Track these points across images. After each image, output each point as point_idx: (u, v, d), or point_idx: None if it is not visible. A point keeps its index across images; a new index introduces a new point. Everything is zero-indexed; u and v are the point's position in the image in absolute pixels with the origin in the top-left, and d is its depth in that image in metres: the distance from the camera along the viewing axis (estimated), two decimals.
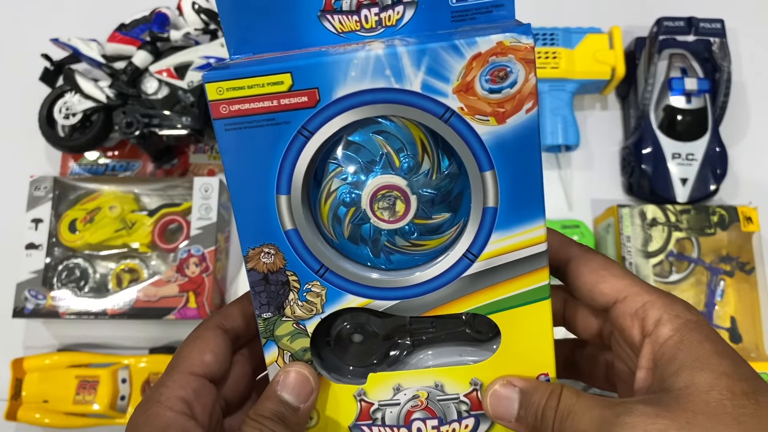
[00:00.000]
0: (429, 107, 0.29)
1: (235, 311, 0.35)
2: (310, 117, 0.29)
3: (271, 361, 0.33)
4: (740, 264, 0.74)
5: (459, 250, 0.31)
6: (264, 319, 0.32)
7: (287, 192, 0.30)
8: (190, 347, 0.33)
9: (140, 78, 0.76)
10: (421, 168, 0.31)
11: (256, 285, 0.32)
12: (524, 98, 0.28)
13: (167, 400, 0.30)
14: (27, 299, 0.72)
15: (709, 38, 0.81)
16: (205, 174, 0.82)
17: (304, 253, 0.31)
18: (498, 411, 0.31)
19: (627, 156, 0.81)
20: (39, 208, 0.75)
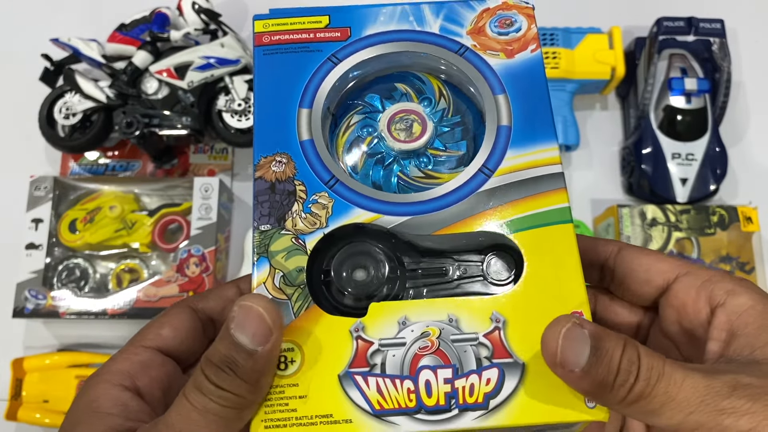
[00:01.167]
0: (446, 44, 0.33)
1: (212, 293, 0.33)
2: (341, 48, 0.33)
3: (259, 282, 0.29)
4: (740, 264, 0.74)
5: (474, 166, 0.31)
6: (261, 231, 0.30)
7: (309, 106, 0.32)
8: (150, 323, 0.31)
9: (140, 78, 0.76)
10: (438, 106, 0.34)
11: (261, 194, 0.30)
12: (528, 41, 0.33)
13: (106, 373, 0.29)
14: (27, 299, 0.72)
15: (709, 38, 0.81)
16: (205, 174, 0.82)
17: (316, 163, 0.31)
18: (567, 355, 0.24)
19: (627, 156, 0.81)
20: (39, 208, 0.75)
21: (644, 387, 0.24)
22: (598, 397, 0.25)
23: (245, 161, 0.83)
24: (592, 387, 0.24)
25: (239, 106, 0.76)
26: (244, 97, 0.76)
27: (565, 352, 0.24)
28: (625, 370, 0.24)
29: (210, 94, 0.77)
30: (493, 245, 0.30)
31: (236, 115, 0.77)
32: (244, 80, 0.76)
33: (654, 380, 0.24)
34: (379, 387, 0.26)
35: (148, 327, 0.31)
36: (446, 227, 0.29)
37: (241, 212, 0.82)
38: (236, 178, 0.83)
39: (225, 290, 0.33)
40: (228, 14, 0.81)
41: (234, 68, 0.76)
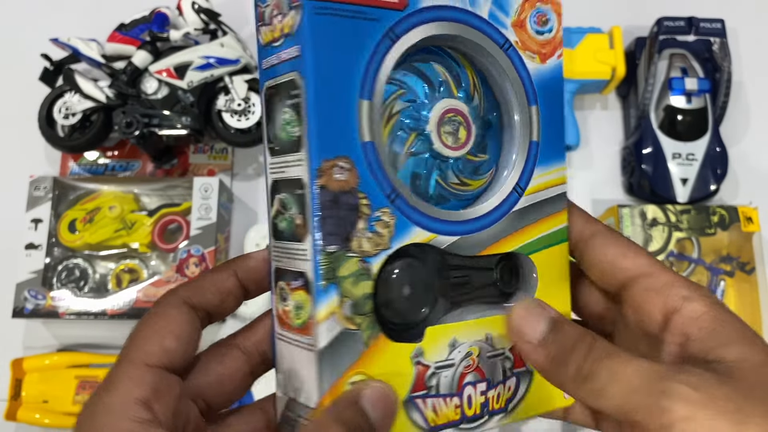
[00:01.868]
0: (493, 35, 0.31)
1: (207, 283, 0.29)
2: (398, 20, 0.28)
3: (328, 314, 0.26)
4: (740, 264, 0.74)
5: (509, 184, 0.31)
6: (328, 254, 0.26)
7: (369, 97, 0.27)
8: (147, 329, 0.27)
9: (140, 78, 0.76)
10: (473, 102, 0.32)
11: (325, 207, 0.26)
12: (557, 45, 0.33)
13: (121, 406, 0.25)
14: (27, 299, 0.72)
15: (709, 38, 0.81)
16: (205, 174, 0.82)
17: (378, 171, 0.27)
18: (522, 326, 0.27)
19: (627, 156, 0.81)
20: (38, 208, 0.75)
21: (592, 364, 0.25)
22: (551, 374, 0.27)
23: (245, 161, 0.83)
24: (546, 361, 0.26)
25: (239, 106, 0.76)
26: (243, 96, 0.76)
27: (523, 322, 0.27)
28: (578, 349, 0.26)
29: (210, 94, 0.77)
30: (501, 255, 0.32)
31: (236, 115, 0.76)
32: (244, 80, 0.76)
33: (604, 357, 0.25)
34: (434, 406, 0.29)
35: (146, 336, 0.27)
36: (488, 248, 0.31)
37: (240, 212, 0.81)
38: (236, 178, 0.83)
39: (221, 280, 0.30)
40: (228, 14, 0.81)
41: (234, 68, 0.76)
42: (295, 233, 0.28)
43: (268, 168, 0.29)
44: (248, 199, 0.82)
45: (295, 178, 0.27)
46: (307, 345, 0.27)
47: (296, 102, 0.27)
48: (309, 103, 0.26)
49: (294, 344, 0.28)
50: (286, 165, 0.28)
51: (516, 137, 0.31)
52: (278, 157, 0.28)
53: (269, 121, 0.29)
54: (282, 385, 0.29)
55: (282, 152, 0.28)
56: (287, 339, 0.28)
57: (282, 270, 0.28)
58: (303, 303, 0.27)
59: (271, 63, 0.28)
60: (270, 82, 0.28)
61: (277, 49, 0.28)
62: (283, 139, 0.28)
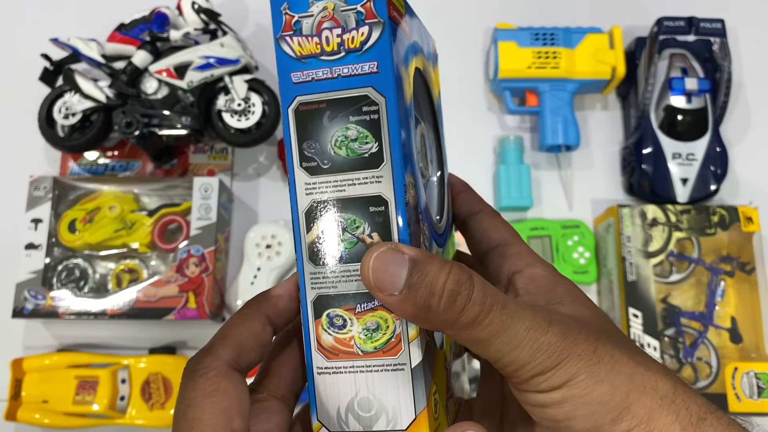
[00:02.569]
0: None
1: (247, 340, 0.28)
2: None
3: (418, 330, 0.27)
4: (741, 264, 0.74)
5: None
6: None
7: (420, 121, 0.31)
8: (209, 409, 0.25)
9: (140, 78, 0.76)
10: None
11: (411, 223, 0.27)
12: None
13: None
14: (26, 299, 0.72)
15: (709, 38, 0.80)
16: (205, 174, 0.82)
17: (420, 188, 0.29)
18: (381, 278, 0.24)
19: (627, 156, 0.81)
20: (38, 208, 0.75)
21: (479, 312, 0.24)
22: (426, 322, 0.25)
23: (245, 161, 0.83)
24: (416, 310, 0.24)
25: (239, 106, 0.76)
26: (243, 96, 0.76)
27: (379, 274, 0.25)
28: (451, 291, 0.24)
29: (210, 93, 0.77)
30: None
31: (236, 114, 0.76)
32: (244, 80, 0.76)
33: (491, 306, 0.24)
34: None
35: (210, 420, 0.25)
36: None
37: (240, 212, 0.81)
38: (236, 178, 0.83)
39: (259, 333, 0.28)
40: (227, 14, 0.81)
41: (234, 68, 0.76)
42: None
43: (302, 188, 0.28)
44: (248, 199, 0.82)
45: (370, 196, 0.27)
46: (392, 366, 0.27)
47: (371, 118, 0.27)
48: (392, 119, 0.27)
49: (364, 371, 0.27)
50: (348, 183, 0.27)
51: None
52: (329, 176, 0.27)
53: (306, 138, 0.28)
54: (334, 422, 0.27)
55: (338, 170, 0.27)
56: (346, 369, 0.27)
57: (336, 296, 0.27)
58: (381, 324, 0.27)
59: (314, 77, 0.28)
60: (312, 97, 0.27)
61: (333, 63, 0.27)
62: (341, 156, 0.27)
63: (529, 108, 0.81)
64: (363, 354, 0.27)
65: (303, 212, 0.28)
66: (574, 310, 0.28)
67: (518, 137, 0.81)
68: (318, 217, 0.27)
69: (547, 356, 0.24)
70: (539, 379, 0.25)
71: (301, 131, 0.28)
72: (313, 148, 0.27)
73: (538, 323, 0.25)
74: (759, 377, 0.70)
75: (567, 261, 0.77)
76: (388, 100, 0.26)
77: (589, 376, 0.24)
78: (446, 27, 0.87)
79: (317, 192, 0.27)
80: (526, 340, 0.24)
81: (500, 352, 0.25)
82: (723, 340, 0.73)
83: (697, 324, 0.73)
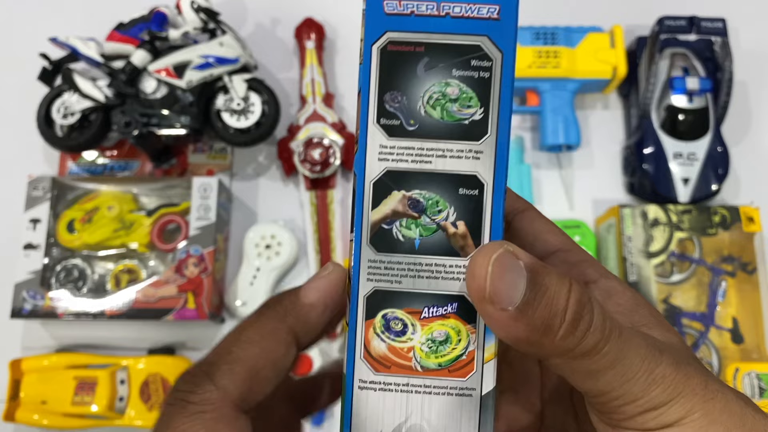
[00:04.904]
0: None
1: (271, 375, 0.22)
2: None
3: (497, 350, 0.23)
4: (742, 264, 0.74)
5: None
6: None
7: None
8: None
9: (139, 77, 0.76)
10: None
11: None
12: None
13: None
14: (25, 300, 0.72)
15: (710, 37, 0.80)
16: (204, 174, 0.81)
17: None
18: (498, 287, 0.20)
19: (628, 156, 0.81)
20: (37, 208, 0.75)
21: (599, 339, 0.21)
22: (535, 347, 0.21)
23: (244, 161, 0.83)
24: (530, 332, 0.20)
25: (238, 106, 0.76)
26: (243, 96, 0.76)
27: (496, 282, 0.20)
28: (575, 312, 0.20)
29: (209, 93, 0.77)
30: None
31: (235, 114, 0.76)
32: (243, 79, 0.76)
33: (609, 333, 0.21)
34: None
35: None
36: None
37: (240, 212, 0.81)
38: (235, 178, 0.83)
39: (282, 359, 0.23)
40: (227, 13, 0.81)
41: (233, 67, 0.75)
42: (448, 245, 0.22)
43: (375, 151, 0.22)
44: (248, 199, 0.82)
45: (463, 175, 0.22)
46: (458, 390, 0.22)
47: (479, 75, 0.22)
48: (505, 82, 0.22)
49: (421, 392, 0.22)
50: (438, 154, 0.22)
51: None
52: (414, 141, 0.22)
53: (390, 88, 0.22)
54: None
55: (427, 135, 0.22)
56: (398, 387, 0.22)
57: (398, 294, 0.22)
58: (452, 335, 0.22)
59: (415, 11, 0.22)
60: (408, 36, 0.22)
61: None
62: (433, 119, 0.22)
63: (530, 107, 0.81)
64: (423, 371, 0.22)
65: (371, 182, 0.22)
66: (663, 336, 0.24)
67: (519, 137, 0.81)
68: (390, 192, 0.22)
69: (662, 390, 0.21)
70: (649, 415, 0.21)
71: (386, 78, 0.22)
72: (398, 101, 0.22)
73: (651, 353, 0.21)
74: (761, 378, 0.70)
75: None
76: (505, 57, 0.22)
77: (703, 414, 0.21)
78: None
79: (395, 159, 0.22)
80: (641, 372, 0.21)
81: (611, 385, 0.21)
82: (724, 340, 0.73)
83: (699, 324, 0.73)
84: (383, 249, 0.22)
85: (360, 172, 0.22)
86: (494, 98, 0.22)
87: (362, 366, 0.22)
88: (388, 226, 0.22)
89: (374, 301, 0.22)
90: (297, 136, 0.78)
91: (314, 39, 0.83)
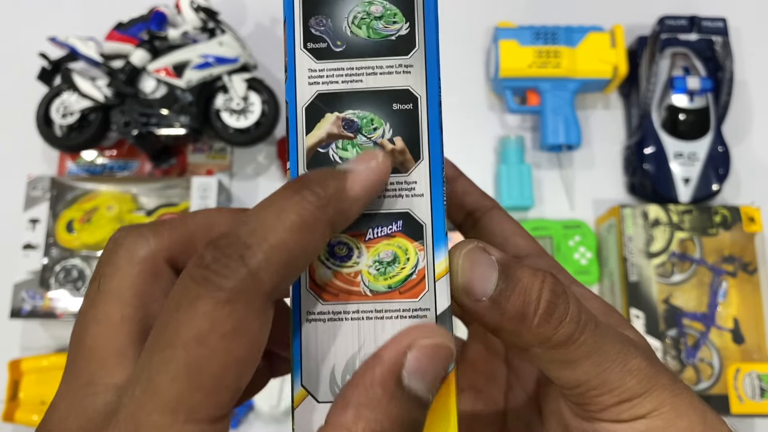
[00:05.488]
0: None
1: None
2: None
3: (447, 267, 0.22)
4: (743, 264, 0.74)
5: None
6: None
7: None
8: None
9: (138, 77, 0.76)
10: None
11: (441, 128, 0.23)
12: None
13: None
14: (24, 300, 0.71)
15: (711, 37, 0.80)
16: (204, 174, 0.81)
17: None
18: (472, 278, 0.21)
19: (629, 155, 0.81)
20: (36, 208, 0.74)
21: (574, 329, 0.21)
22: (514, 335, 0.22)
23: (244, 161, 0.83)
24: (506, 320, 0.21)
25: (238, 105, 0.76)
26: (242, 95, 0.76)
27: (467, 274, 0.21)
28: (549, 302, 0.21)
29: (208, 93, 0.76)
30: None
31: (235, 114, 0.76)
32: (243, 79, 0.76)
33: (586, 324, 0.22)
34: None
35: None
36: None
37: None
38: (235, 178, 0.82)
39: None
40: (226, 12, 0.81)
41: (232, 67, 0.75)
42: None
43: (305, 76, 0.22)
44: (247, 199, 0.82)
45: (395, 89, 0.21)
46: (411, 312, 0.21)
47: None
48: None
49: (373, 317, 0.21)
50: (368, 71, 0.22)
51: None
52: (342, 62, 0.22)
53: (314, 13, 0.22)
54: (325, 388, 0.21)
55: (355, 55, 0.22)
56: (348, 315, 0.21)
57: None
58: (400, 255, 0.21)
59: None
60: None
61: None
62: (359, 38, 0.22)
63: (531, 107, 0.81)
64: (372, 295, 0.21)
65: (303, 107, 0.22)
66: (635, 336, 0.25)
67: (519, 137, 0.81)
68: (323, 115, 0.21)
69: (637, 381, 0.22)
70: (624, 406, 0.22)
71: (309, 3, 0.22)
72: (323, 25, 0.22)
73: (626, 347, 0.23)
74: (761, 378, 0.70)
75: (568, 262, 0.76)
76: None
77: (672, 408, 0.23)
78: (447, 26, 0.86)
79: (325, 81, 0.22)
80: (617, 362, 0.22)
81: (588, 374, 0.22)
82: (725, 341, 0.72)
83: (699, 325, 0.72)
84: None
85: (291, 99, 0.22)
86: (419, 11, 0.22)
87: (308, 297, 0.21)
88: (324, 150, 0.21)
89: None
90: None
91: None
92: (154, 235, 0.21)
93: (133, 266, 0.21)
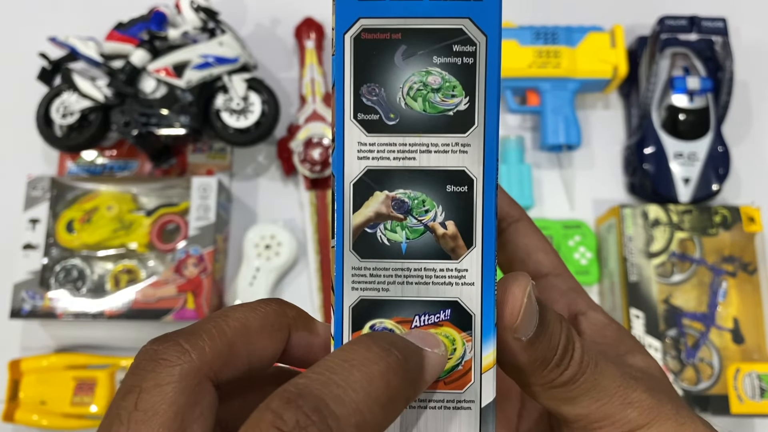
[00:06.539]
0: None
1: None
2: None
3: (495, 358, 0.21)
4: (743, 264, 0.74)
5: None
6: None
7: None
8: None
9: (138, 77, 0.76)
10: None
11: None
12: None
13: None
14: (24, 300, 0.71)
15: (711, 37, 0.80)
16: (204, 174, 0.81)
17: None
18: (524, 321, 0.21)
19: (629, 155, 0.81)
20: (36, 208, 0.74)
21: (576, 372, 0.22)
22: (524, 375, 0.22)
23: (244, 161, 0.83)
24: (530, 362, 0.21)
25: (238, 105, 0.76)
26: (242, 96, 0.75)
27: (525, 315, 0.21)
28: (565, 348, 0.22)
29: (208, 93, 0.76)
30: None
31: (235, 114, 0.76)
32: (243, 79, 0.76)
33: (586, 366, 0.22)
34: None
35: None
36: None
37: (239, 212, 0.81)
38: (235, 178, 0.82)
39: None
40: (226, 13, 0.81)
41: (232, 67, 0.75)
42: (437, 247, 0.21)
43: (354, 150, 0.20)
44: (247, 199, 0.82)
45: (450, 170, 0.20)
46: (456, 403, 0.21)
47: (463, 62, 0.20)
48: (491, 68, 0.20)
49: (416, 407, 0.21)
50: (422, 149, 0.20)
51: None
52: (395, 137, 0.20)
53: (366, 80, 0.20)
54: None
55: (409, 130, 0.20)
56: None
57: (386, 303, 0.21)
58: (447, 345, 0.21)
59: None
60: (383, 22, 0.20)
61: None
62: (415, 111, 0.20)
63: (531, 107, 0.81)
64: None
65: (351, 183, 0.20)
66: (645, 361, 0.26)
67: (519, 137, 0.81)
68: (372, 192, 0.20)
69: (639, 413, 0.23)
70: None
71: (361, 69, 0.20)
72: (376, 94, 0.20)
73: (626, 381, 0.23)
74: (761, 378, 0.70)
75: (568, 262, 0.76)
76: (489, 40, 0.20)
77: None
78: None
79: (375, 157, 0.20)
80: (617, 396, 0.23)
81: (588, 409, 0.23)
82: (725, 341, 0.72)
83: (699, 325, 0.72)
84: (367, 255, 0.21)
85: (338, 173, 0.20)
86: (480, 86, 0.20)
87: None
88: (371, 230, 0.21)
89: (360, 311, 0.21)
90: (297, 136, 0.78)
91: (314, 39, 0.83)
92: (194, 349, 0.20)
93: (174, 383, 0.19)
